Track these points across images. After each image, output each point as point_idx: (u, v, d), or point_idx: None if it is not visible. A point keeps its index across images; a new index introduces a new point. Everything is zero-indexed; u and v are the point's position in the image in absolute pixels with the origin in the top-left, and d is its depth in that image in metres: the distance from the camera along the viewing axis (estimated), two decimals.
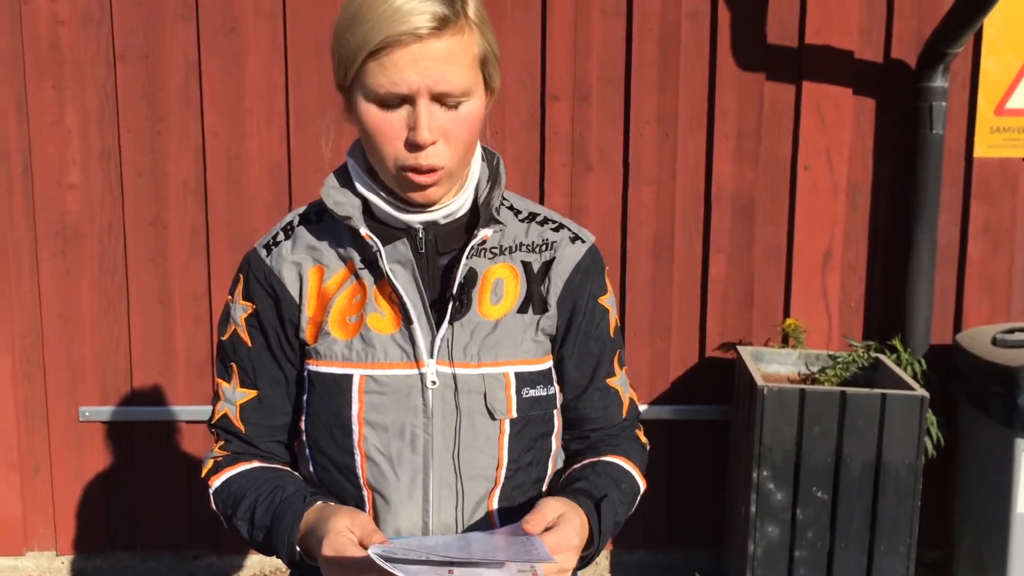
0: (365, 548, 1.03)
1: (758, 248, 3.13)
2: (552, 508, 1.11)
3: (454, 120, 1.11)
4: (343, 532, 1.06)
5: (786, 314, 3.16)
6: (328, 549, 1.05)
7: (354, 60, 1.09)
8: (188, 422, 3.19)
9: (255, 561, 3.27)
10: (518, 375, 1.20)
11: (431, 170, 1.12)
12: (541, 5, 3.01)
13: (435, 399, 1.17)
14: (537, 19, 3.02)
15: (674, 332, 3.18)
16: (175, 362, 3.15)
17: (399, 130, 1.10)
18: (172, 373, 3.16)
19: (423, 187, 1.14)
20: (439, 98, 1.10)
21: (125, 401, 3.17)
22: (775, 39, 3.04)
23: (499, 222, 1.21)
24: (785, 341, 3.13)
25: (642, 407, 3.17)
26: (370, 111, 1.11)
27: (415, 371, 1.17)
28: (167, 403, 3.18)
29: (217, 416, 1.28)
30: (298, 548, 1.14)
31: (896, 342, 3.06)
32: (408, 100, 1.09)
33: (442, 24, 1.06)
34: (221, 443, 1.28)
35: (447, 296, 1.19)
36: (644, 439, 1.38)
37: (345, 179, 1.23)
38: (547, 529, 1.08)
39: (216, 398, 1.29)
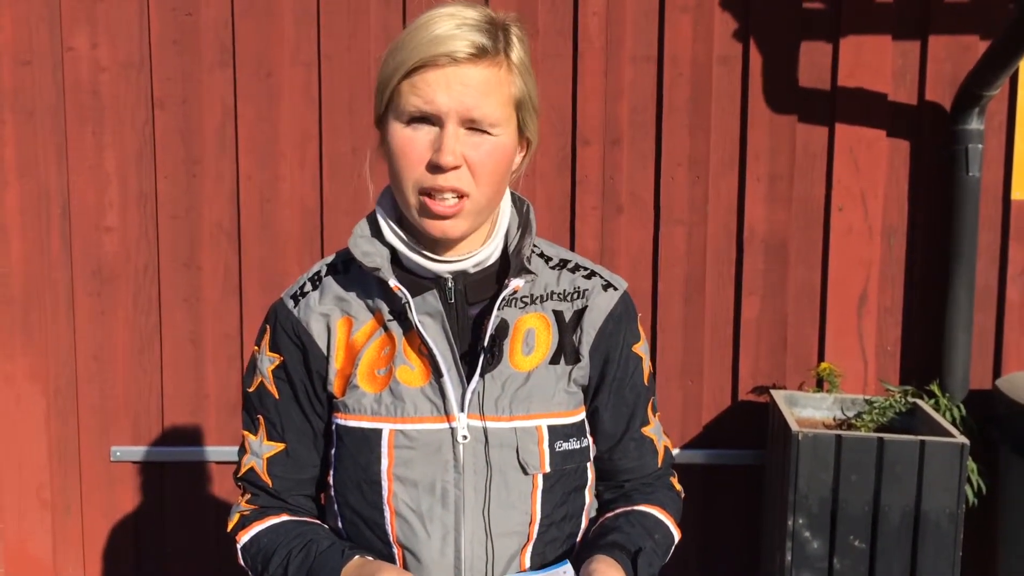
0: None
1: (791, 290, 3.10)
2: (605, 575, 1.08)
3: (481, 153, 1.10)
4: None
5: (820, 357, 3.11)
6: None
7: (390, 82, 1.11)
8: (218, 463, 3.20)
9: None
10: (551, 428, 1.18)
11: (452, 194, 1.10)
12: (572, 51, 3.03)
13: (466, 454, 1.15)
14: (568, 65, 3.04)
15: (706, 375, 3.14)
16: (206, 402, 3.16)
17: (423, 152, 1.10)
18: (203, 413, 3.17)
19: (442, 217, 1.12)
20: (468, 125, 1.09)
21: (156, 441, 3.19)
22: (807, 82, 3.03)
23: (530, 271, 1.19)
24: (820, 385, 3.08)
25: (674, 451, 3.13)
26: (398, 131, 1.11)
27: (445, 425, 1.15)
28: (198, 443, 3.19)
29: (244, 469, 1.26)
30: None
31: (934, 387, 3.00)
32: (437, 123, 1.09)
33: (480, 53, 1.07)
34: (248, 496, 1.26)
35: (478, 348, 1.17)
36: (678, 487, 1.35)
37: (373, 228, 1.22)
38: None
39: (242, 451, 1.27)
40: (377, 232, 1.21)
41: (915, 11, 2.99)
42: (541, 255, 1.27)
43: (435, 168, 1.09)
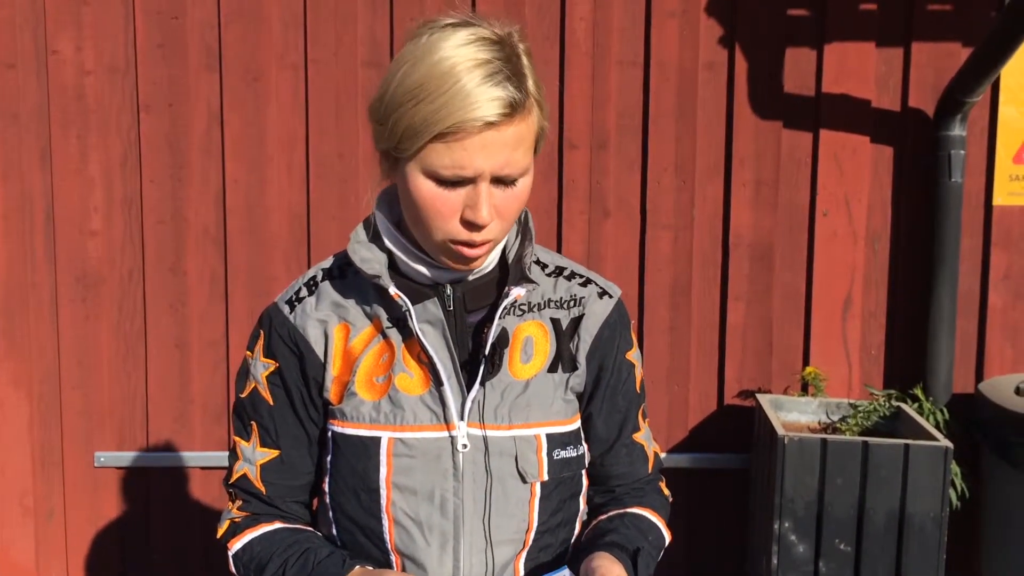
0: None
1: (777, 295, 3.12)
2: (609, 571, 1.09)
3: (509, 197, 1.11)
4: None
5: (805, 362, 3.13)
6: None
7: (416, 136, 1.06)
8: (204, 468, 3.18)
9: None
10: (549, 436, 1.18)
11: (484, 243, 1.12)
12: (559, 57, 3.04)
13: (466, 462, 1.15)
14: (555, 69, 3.05)
15: (692, 379, 3.16)
16: (191, 408, 3.14)
17: (455, 207, 1.09)
18: (188, 419, 3.15)
19: (471, 260, 1.13)
20: (499, 179, 1.09)
21: (141, 447, 3.17)
22: (792, 88, 3.06)
23: (531, 280, 1.19)
24: (805, 389, 3.11)
25: (661, 455, 3.14)
26: (427, 186, 1.09)
27: (445, 434, 1.15)
28: (183, 449, 3.17)
29: (235, 476, 1.24)
30: None
31: (918, 391, 3.03)
32: (470, 180, 1.08)
33: (513, 110, 1.05)
34: (239, 503, 1.24)
35: (478, 357, 1.17)
36: (667, 491, 1.37)
37: (371, 233, 1.20)
38: None
39: (233, 457, 1.25)
40: (374, 237, 1.20)
41: (898, 18, 3.03)
42: (537, 262, 1.26)
43: (472, 225, 1.09)
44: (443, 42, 1.06)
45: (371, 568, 1.14)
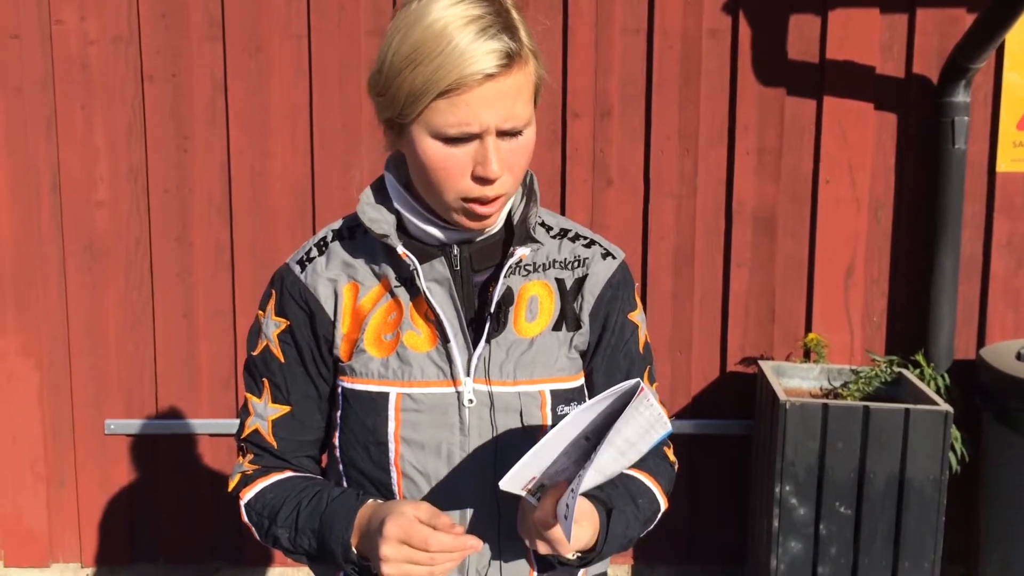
0: (432, 527, 1.07)
1: (779, 262, 3.13)
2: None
3: (516, 150, 1.13)
4: (407, 513, 1.08)
5: (808, 329, 3.15)
6: (393, 527, 1.07)
7: (418, 99, 1.09)
8: (211, 435, 3.22)
9: (276, 574, 3.28)
10: (553, 393, 1.21)
11: (496, 198, 1.14)
12: (562, 24, 3.04)
13: (472, 417, 1.18)
14: (558, 37, 3.04)
15: (695, 346, 3.18)
16: (199, 376, 3.18)
17: (465, 165, 1.11)
18: (196, 387, 3.19)
19: (485, 217, 1.15)
20: (505, 132, 1.11)
21: (150, 415, 3.21)
22: (796, 55, 3.05)
23: (536, 240, 1.22)
24: (807, 356, 3.13)
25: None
26: (434, 147, 1.11)
27: (452, 389, 1.18)
28: (191, 417, 3.21)
29: (247, 431, 1.27)
30: (354, 547, 1.14)
31: (919, 357, 3.05)
32: (476, 136, 1.10)
33: (510, 60, 1.08)
34: (251, 456, 1.28)
35: (484, 315, 1.20)
36: (672, 457, 1.38)
37: (380, 194, 1.23)
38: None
39: (245, 412, 1.28)
40: (382, 199, 1.23)
41: None
42: (542, 224, 1.29)
43: (483, 180, 1.11)
44: (432, 5, 1.08)
45: (383, 501, 1.18)
